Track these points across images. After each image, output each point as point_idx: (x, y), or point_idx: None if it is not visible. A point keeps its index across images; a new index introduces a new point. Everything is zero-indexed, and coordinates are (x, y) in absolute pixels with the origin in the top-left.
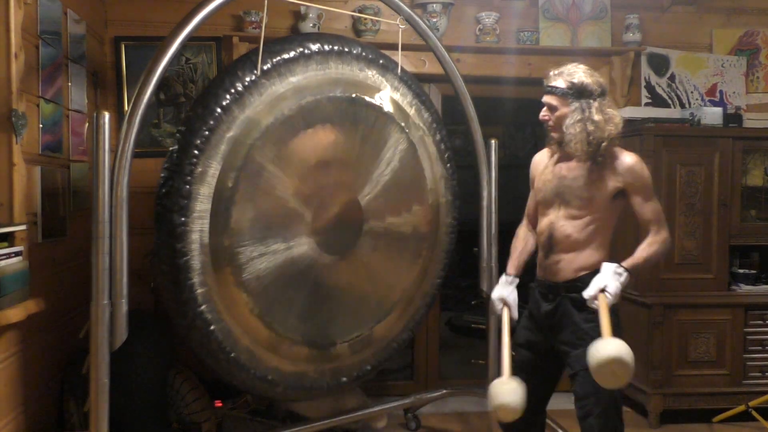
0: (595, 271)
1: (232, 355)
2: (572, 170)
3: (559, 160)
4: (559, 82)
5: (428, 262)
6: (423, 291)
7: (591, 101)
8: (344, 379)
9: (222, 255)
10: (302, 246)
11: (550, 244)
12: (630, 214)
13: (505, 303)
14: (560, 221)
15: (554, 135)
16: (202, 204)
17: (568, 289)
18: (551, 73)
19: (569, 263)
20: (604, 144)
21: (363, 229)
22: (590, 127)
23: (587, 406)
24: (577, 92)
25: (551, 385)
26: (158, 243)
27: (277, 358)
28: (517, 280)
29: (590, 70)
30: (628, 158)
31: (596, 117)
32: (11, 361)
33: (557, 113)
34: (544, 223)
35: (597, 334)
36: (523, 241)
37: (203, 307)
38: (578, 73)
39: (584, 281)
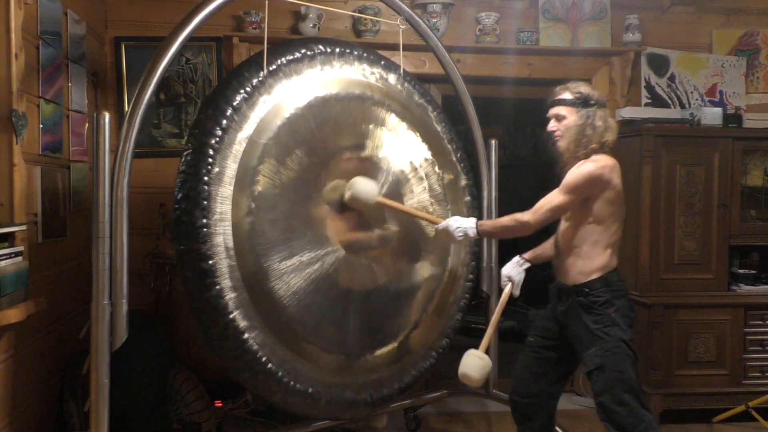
0: (602, 276)
1: (269, 366)
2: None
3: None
4: (566, 95)
5: (456, 264)
6: (456, 295)
7: (596, 110)
8: (386, 391)
9: (248, 259)
10: (328, 249)
11: (558, 248)
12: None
13: (509, 280)
14: (562, 224)
15: (561, 145)
16: (223, 205)
17: (576, 292)
18: (556, 89)
19: (572, 266)
20: (593, 146)
21: (386, 231)
22: (588, 131)
23: (606, 402)
24: (584, 101)
25: (563, 371)
26: (180, 250)
27: (315, 369)
28: (528, 264)
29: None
30: (586, 163)
31: (598, 123)
32: (11, 361)
33: (566, 122)
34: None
35: (605, 335)
36: (552, 240)
37: (235, 314)
38: (582, 85)
39: (591, 286)
